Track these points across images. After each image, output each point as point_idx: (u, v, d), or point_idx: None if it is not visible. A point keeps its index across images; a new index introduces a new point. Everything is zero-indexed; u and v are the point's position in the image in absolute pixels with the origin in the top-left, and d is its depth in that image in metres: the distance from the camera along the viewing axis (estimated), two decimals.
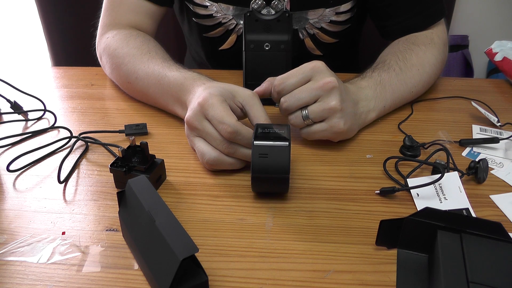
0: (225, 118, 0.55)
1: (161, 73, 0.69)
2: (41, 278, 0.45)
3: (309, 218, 0.53)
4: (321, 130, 0.61)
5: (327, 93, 0.59)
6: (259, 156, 0.51)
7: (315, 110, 0.60)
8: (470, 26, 1.67)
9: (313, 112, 0.60)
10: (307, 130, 0.62)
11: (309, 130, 0.62)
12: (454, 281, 0.38)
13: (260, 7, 0.79)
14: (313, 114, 0.60)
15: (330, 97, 0.59)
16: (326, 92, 0.59)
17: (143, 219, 0.44)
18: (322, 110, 0.59)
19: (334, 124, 0.60)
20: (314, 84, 0.59)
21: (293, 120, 0.61)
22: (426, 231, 0.44)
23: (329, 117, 0.60)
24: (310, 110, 0.60)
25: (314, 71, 0.60)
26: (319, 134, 0.62)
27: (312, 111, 0.60)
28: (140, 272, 0.45)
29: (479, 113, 0.73)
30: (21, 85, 0.79)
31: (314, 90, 0.59)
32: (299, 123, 0.61)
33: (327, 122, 0.61)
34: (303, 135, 0.63)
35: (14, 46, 1.84)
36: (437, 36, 0.81)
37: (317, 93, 0.59)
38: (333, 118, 0.60)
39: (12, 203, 0.56)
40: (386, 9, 0.84)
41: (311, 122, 0.61)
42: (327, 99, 0.59)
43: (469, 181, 0.59)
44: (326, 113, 0.60)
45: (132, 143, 0.57)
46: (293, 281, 0.44)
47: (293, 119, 0.61)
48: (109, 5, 0.84)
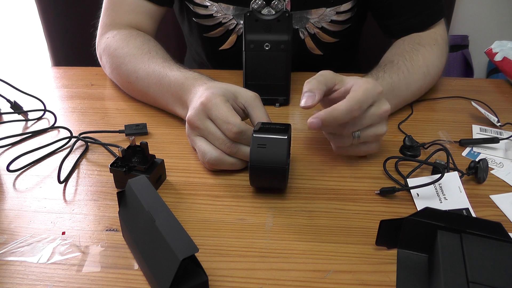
0: (230, 118, 0.55)
1: (162, 73, 0.69)
2: (41, 278, 0.45)
3: (309, 218, 0.53)
4: (363, 151, 0.61)
5: (382, 120, 0.59)
6: (257, 146, 0.52)
7: (369, 134, 0.58)
8: (470, 26, 1.67)
9: (366, 137, 0.58)
10: (348, 149, 0.60)
11: (351, 149, 0.60)
12: (454, 281, 0.38)
13: (260, 7, 0.79)
14: (365, 138, 0.58)
15: (383, 124, 0.59)
16: (382, 119, 0.58)
17: (143, 219, 0.44)
18: (374, 136, 0.59)
19: (377, 146, 0.61)
20: (376, 112, 0.57)
21: (343, 141, 0.58)
22: (426, 231, 0.44)
23: (376, 140, 0.60)
24: (364, 134, 0.58)
25: (378, 98, 0.57)
26: (363, 152, 0.61)
27: (366, 136, 0.58)
28: (140, 272, 0.45)
29: (479, 113, 0.73)
30: (21, 85, 0.79)
31: (375, 117, 0.57)
32: (347, 143, 0.59)
33: (375, 144, 0.60)
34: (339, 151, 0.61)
35: (14, 46, 1.84)
36: (440, 36, 0.81)
37: (375, 121, 0.58)
38: (378, 141, 0.61)
39: (12, 203, 0.56)
40: (387, 9, 0.84)
41: (357, 143, 0.59)
42: (380, 126, 0.59)
43: (469, 181, 0.59)
44: (377, 138, 0.60)
45: (132, 143, 0.57)
46: (293, 281, 0.44)
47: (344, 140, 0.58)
48: (109, 5, 0.84)
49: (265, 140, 0.52)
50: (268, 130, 0.54)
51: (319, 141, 0.67)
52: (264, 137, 0.53)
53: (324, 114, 0.54)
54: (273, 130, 0.54)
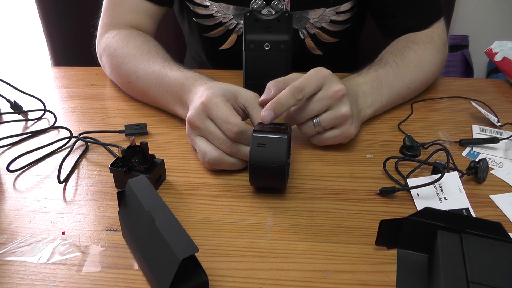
0: (231, 118, 0.55)
1: (162, 73, 0.69)
2: (41, 278, 0.45)
3: (309, 218, 0.53)
4: (333, 137, 0.62)
5: (338, 101, 0.59)
6: (257, 146, 0.52)
7: (327, 118, 0.59)
8: (470, 26, 1.67)
9: (325, 121, 0.60)
10: (318, 137, 0.62)
11: (321, 137, 0.62)
12: (454, 281, 0.38)
13: (260, 7, 0.79)
14: (325, 123, 0.60)
15: (340, 105, 0.59)
16: (337, 100, 0.59)
17: (143, 219, 0.44)
18: (334, 118, 0.59)
19: (345, 130, 0.61)
20: (325, 94, 0.58)
21: (305, 130, 0.61)
22: (426, 231, 0.44)
23: (340, 123, 0.60)
24: (322, 119, 0.59)
25: (323, 80, 0.59)
26: (331, 140, 0.62)
27: (324, 120, 0.60)
28: (140, 272, 0.45)
29: (479, 113, 0.73)
30: (21, 85, 0.79)
31: (325, 99, 0.58)
32: (310, 131, 0.61)
33: (339, 129, 0.61)
34: (314, 142, 0.63)
35: (14, 46, 1.84)
36: (438, 36, 0.81)
37: (329, 103, 0.59)
38: (345, 125, 0.61)
39: (12, 203, 0.56)
40: (386, 9, 0.84)
41: (322, 129, 0.61)
42: (337, 107, 0.59)
43: (469, 181, 0.59)
44: (338, 120, 0.60)
45: (132, 143, 0.57)
46: (293, 281, 0.44)
47: (305, 128, 0.61)
48: (109, 5, 0.84)
49: (265, 139, 0.53)
50: (268, 130, 0.54)
51: None
52: (264, 137, 0.53)
53: (271, 103, 0.56)
54: (273, 130, 0.54)
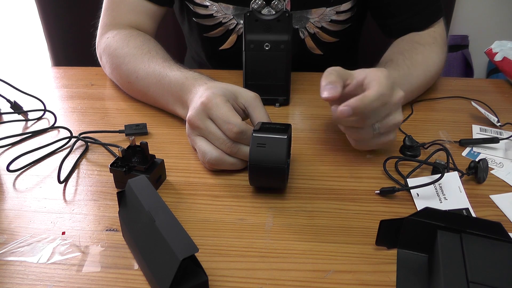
0: (231, 118, 0.55)
1: (162, 73, 0.69)
2: (41, 278, 0.45)
3: (309, 218, 0.53)
4: (388, 141, 0.60)
5: (397, 108, 0.58)
6: (257, 145, 0.52)
7: (387, 124, 0.58)
8: (470, 26, 1.67)
9: (384, 127, 0.58)
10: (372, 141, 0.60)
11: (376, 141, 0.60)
12: (454, 281, 0.38)
13: (260, 7, 0.79)
14: (384, 129, 0.58)
15: (398, 112, 0.59)
16: (396, 107, 0.58)
17: (143, 219, 0.44)
18: (392, 125, 0.59)
19: (394, 135, 0.61)
20: (394, 99, 0.57)
21: (363, 134, 0.59)
22: (426, 231, 0.44)
23: (394, 129, 0.60)
24: (382, 125, 0.58)
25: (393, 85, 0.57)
26: (384, 144, 0.61)
27: (384, 126, 0.58)
28: (140, 272, 0.45)
29: (479, 113, 0.73)
30: (21, 85, 0.79)
31: (391, 107, 0.57)
32: (368, 136, 0.59)
33: (393, 133, 0.60)
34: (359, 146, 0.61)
35: (14, 46, 1.84)
36: (439, 35, 0.82)
37: (392, 110, 0.58)
38: (396, 130, 0.61)
39: (12, 203, 0.56)
40: (386, 9, 0.84)
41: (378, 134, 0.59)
42: (396, 114, 0.58)
43: (469, 181, 0.59)
44: (394, 127, 0.59)
45: (132, 143, 0.56)
46: (293, 281, 0.44)
47: (364, 132, 0.58)
48: (109, 5, 0.85)
49: (264, 139, 0.53)
50: (268, 130, 0.54)
51: (319, 141, 0.67)
52: (264, 137, 0.53)
53: (355, 101, 0.54)
54: (273, 129, 0.54)
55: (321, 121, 0.72)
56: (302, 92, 0.80)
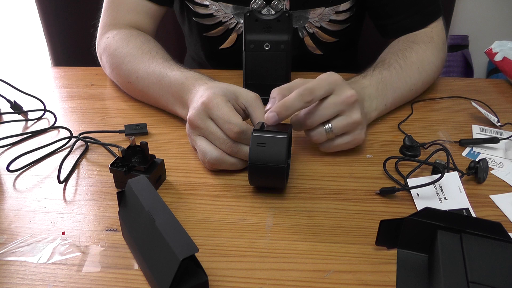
0: (232, 118, 0.55)
1: (162, 73, 0.69)
2: (41, 278, 0.45)
3: (309, 218, 0.53)
4: (345, 143, 0.61)
5: (350, 107, 0.58)
6: (257, 145, 0.52)
7: (339, 125, 0.59)
8: (470, 26, 1.67)
9: (337, 127, 0.59)
10: (329, 144, 0.61)
11: (332, 144, 0.61)
12: (454, 281, 0.38)
13: (260, 7, 0.79)
14: (337, 129, 0.59)
15: (353, 111, 0.58)
16: (348, 106, 0.58)
17: (143, 219, 0.44)
18: (347, 125, 0.59)
19: (357, 136, 0.61)
20: (337, 99, 0.58)
21: (316, 137, 0.60)
22: (426, 231, 0.44)
23: (352, 130, 0.60)
24: (334, 126, 0.58)
25: (335, 85, 0.58)
26: (342, 146, 0.61)
27: (337, 127, 0.59)
28: (140, 272, 0.45)
29: (479, 113, 0.73)
30: (21, 85, 0.79)
31: (337, 105, 0.57)
32: (321, 138, 0.60)
33: (351, 135, 0.60)
34: (324, 149, 0.62)
35: (14, 46, 1.84)
36: (437, 35, 0.81)
37: (340, 108, 0.58)
38: (356, 130, 0.60)
39: (12, 203, 0.56)
40: (384, 9, 0.84)
41: (333, 136, 0.60)
42: (350, 113, 0.58)
43: (469, 181, 0.59)
44: (350, 127, 0.59)
45: (132, 143, 0.57)
46: (293, 281, 0.44)
47: (316, 135, 0.60)
48: (109, 5, 0.85)
49: (264, 139, 0.52)
50: (268, 130, 0.54)
51: None
52: (264, 136, 0.53)
53: (277, 105, 0.56)
54: (273, 129, 0.54)
55: None
56: None
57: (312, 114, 0.58)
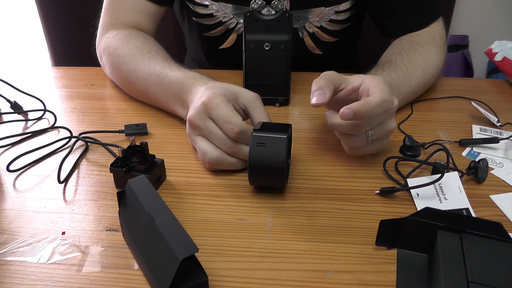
0: (232, 118, 0.55)
1: (162, 73, 0.69)
2: (41, 278, 0.45)
3: (309, 218, 0.53)
4: (374, 148, 0.60)
5: (391, 116, 0.58)
6: (256, 145, 0.52)
7: (380, 132, 0.58)
8: (470, 26, 1.68)
9: (378, 134, 0.58)
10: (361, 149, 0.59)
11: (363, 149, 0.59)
12: (454, 281, 0.38)
13: (260, 7, 0.79)
14: (378, 136, 0.58)
15: (392, 120, 0.58)
16: (390, 115, 0.58)
17: (143, 219, 0.44)
18: (385, 133, 0.58)
19: (386, 143, 0.61)
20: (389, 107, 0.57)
21: (357, 142, 0.58)
22: (426, 231, 0.44)
23: (386, 137, 0.60)
24: (376, 133, 0.57)
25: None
26: (370, 151, 0.61)
27: (378, 133, 0.58)
28: (140, 272, 0.45)
29: (479, 113, 0.73)
30: (21, 85, 0.79)
31: (386, 114, 0.57)
32: (361, 143, 0.58)
33: (382, 142, 0.60)
34: (351, 152, 0.60)
35: (14, 46, 1.84)
36: (438, 35, 0.81)
37: (386, 117, 0.57)
38: (388, 137, 0.61)
39: (12, 203, 0.56)
40: (384, 8, 0.84)
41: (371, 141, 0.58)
42: (389, 121, 0.58)
43: (469, 181, 0.59)
44: (388, 134, 0.59)
45: (132, 143, 0.57)
46: (293, 281, 0.44)
47: (358, 141, 0.58)
48: (109, 5, 0.85)
49: (264, 139, 0.53)
50: (268, 130, 0.54)
51: (319, 141, 0.67)
52: (264, 136, 0.53)
53: (357, 106, 0.53)
54: (273, 129, 0.54)
55: (321, 121, 0.72)
56: (302, 92, 0.80)
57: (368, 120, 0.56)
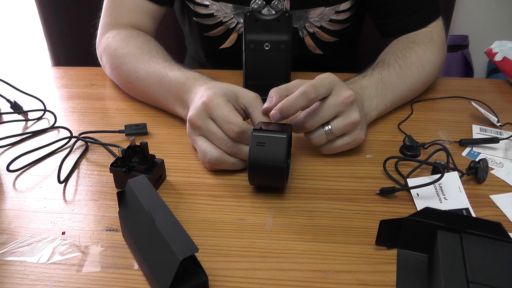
0: (232, 118, 0.55)
1: (162, 73, 0.69)
2: (41, 278, 0.45)
3: (309, 218, 0.53)
4: (345, 144, 0.61)
5: (349, 108, 0.58)
6: (256, 144, 0.52)
7: (339, 126, 0.58)
8: (470, 26, 1.67)
9: (337, 129, 0.59)
10: (329, 145, 0.61)
11: (332, 145, 0.61)
12: (454, 281, 0.38)
13: (260, 7, 0.79)
14: (337, 130, 0.59)
15: (351, 111, 0.58)
16: (347, 106, 0.58)
17: (143, 219, 0.44)
18: (346, 125, 0.59)
19: (356, 136, 0.60)
20: (336, 100, 0.58)
21: (316, 139, 0.60)
22: (426, 231, 0.44)
23: (351, 130, 0.60)
24: (334, 127, 0.58)
25: (334, 85, 0.58)
26: (342, 147, 0.61)
27: (336, 128, 0.58)
28: (140, 272, 0.45)
29: (479, 113, 0.73)
30: (21, 85, 0.79)
31: (336, 106, 0.58)
32: (322, 140, 0.60)
33: (350, 136, 0.60)
34: (324, 151, 0.62)
35: (14, 46, 1.84)
36: (437, 35, 0.81)
37: (339, 109, 0.58)
38: (355, 131, 0.60)
39: (12, 203, 0.56)
40: (383, 8, 0.84)
41: (333, 137, 0.60)
42: (348, 113, 0.58)
43: (469, 181, 0.59)
44: (349, 127, 0.59)
45: (132, 143, 0.57)
46: (293, 281, 0.44)
47: (316, 137, 0.60)
48: (110, 5, 0.85)
49: (264, 138, 0.52)
50: (268, 130, 0.54)
51: None
52: (264, 136, 0.53)
53: (280, 103, 0.56)
54: (273, 129, 0.54)
55: None
56: None
57: (312, 116, 0.58)
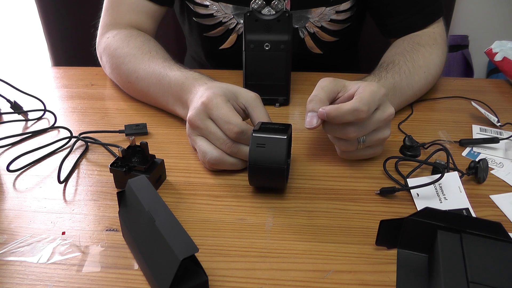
0: (232, 118, 0.55)
1: (162, 73, 0.69)
2: (41, 278, 0.45)
3: (309, 218, 0.53)
4: (366, 154, 0.61)
5: (385, 124, 0.59)
6: (256, 146, 0.52)
7: (373, 139, 0.58)
8: (470, 26, 1.67)
9: (370, 141, 0.58)
10: (353, 153, 0.60)
11: (356, 154, 0.60)
12: (454, 281, 0.38)
13: (260, 7, 0.79)
14: (369, 143, 0.58)
15: (387, 128, 0.59)
16: (387, 123, 0.59)
17: (143, 219, 0.44)
18: (378, 140, 0.59)
19: (378, 150, 0.61)
20: (381, 116, 0.57)
21: (346, 147, 0.58)
22: (426, 231, 0.44)
23: (380, 144, 0.61)
24: (368, 139, 0.58)
25: (382, 101, 0.57)
26: (362, 156, 0.61)
27: (370, 140, 0.58)
28: (140, 272, 0.45)
29: (479, 113, 0.73)
30: (21, 85, 0.79)
31: (380, 122, 0.57)
32: (351, 148, 0.59)
33: (376, 148, 0.61)
34: (344, 156, 0.61)
35: (14, 46, 1.84)
36: (439, 36, 0.81)
37: (381, 125, 0.58)
38: (382, 144, 0.61)
39: (12, 203, 0.56)
40: (385, 8, 0.84)
41: (362, 147, 0.59)
42: (384, 129, 0.59)
43: (469, 181, 0.59)
44: (380, 142, 0.60)
45: (132, 143, 0.57)
46: (293, 281, 0.44)
47: (348, 145, 0.58)
48: (110, 5, 0.85)
49: (264, 139, 0.52)
50: (268, 130, 0.54)
51: (319, 141, 0.67)
52: (264, 137, 0.53)
53: (330, 109, 0.54)
54: (273, 130, 0.54)
55: None
56: (302, 92, 0.80)
57: (355, 126, 0.56)
